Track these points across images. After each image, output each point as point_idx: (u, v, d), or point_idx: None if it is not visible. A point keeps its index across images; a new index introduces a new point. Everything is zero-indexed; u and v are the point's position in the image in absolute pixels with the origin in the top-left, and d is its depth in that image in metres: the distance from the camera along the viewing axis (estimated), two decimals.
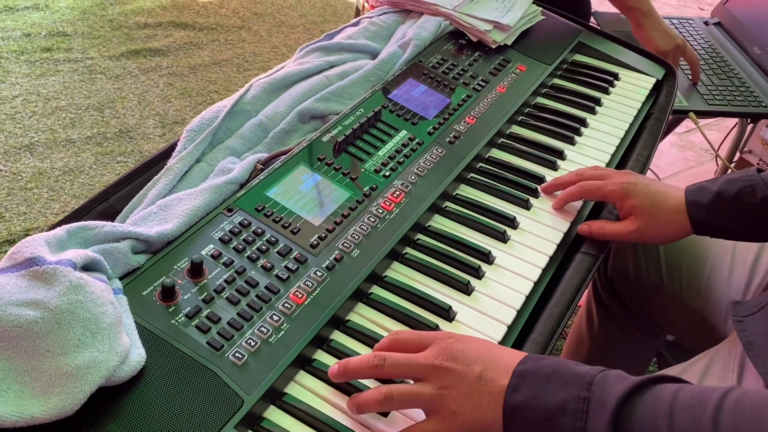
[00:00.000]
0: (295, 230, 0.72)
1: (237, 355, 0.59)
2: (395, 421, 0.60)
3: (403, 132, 0.89)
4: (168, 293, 0.62)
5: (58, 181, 1.87)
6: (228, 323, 0.61)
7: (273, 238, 0.70)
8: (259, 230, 0.70)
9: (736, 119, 1.65)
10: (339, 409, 0.60)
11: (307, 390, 0.62)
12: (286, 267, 0.68)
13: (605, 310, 1.13)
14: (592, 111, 1.07)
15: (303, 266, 0.69)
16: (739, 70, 1.48)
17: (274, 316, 0.63)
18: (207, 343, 0.60)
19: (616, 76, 1.15)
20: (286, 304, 0.65)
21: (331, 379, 0.61)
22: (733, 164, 1.74)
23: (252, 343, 0.60)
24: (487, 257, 0.78)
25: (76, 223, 0.64)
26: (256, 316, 0.63)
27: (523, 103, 1.02)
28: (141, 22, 2.61)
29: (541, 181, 0.91)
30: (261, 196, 0.74)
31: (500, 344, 0.68)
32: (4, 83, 2.18)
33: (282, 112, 0.88)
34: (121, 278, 0.63)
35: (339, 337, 0.67)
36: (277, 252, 0.69)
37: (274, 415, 0.59)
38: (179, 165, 0.77)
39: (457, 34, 1.10)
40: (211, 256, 0.67)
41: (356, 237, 0.74)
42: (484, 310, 0.72)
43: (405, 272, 0.75)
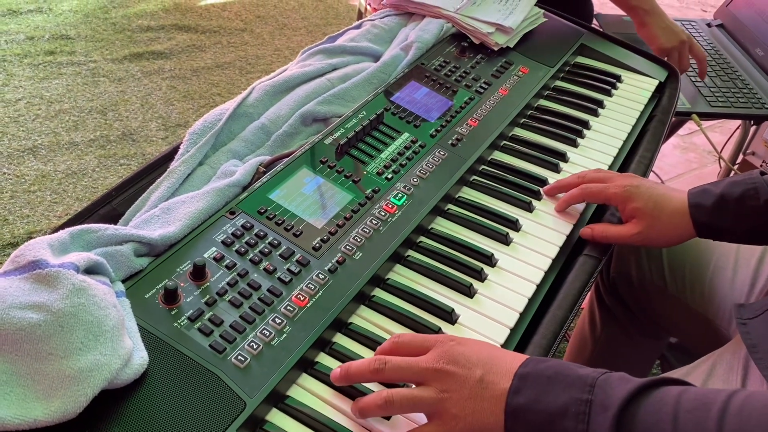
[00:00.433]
0: (298, 233, 0.72)
1: (239, 357, 0.59)
2: (398, 423, 0.60)
3: (406, 134, 0.89)
4: (170, 296, 0.62)
5: (61, 184, 1.87)
6: (230, 326, 0.62)
7: (275, 241, 0.70)
8: (262, 233, 0.71)
9: (739, 121, 1.65)
10: (341, 411, 0.60)
11: (309, 393, 0.62)
12: (288, 270, 0.68)
13: (608, 313, 1.13)
14: (594, 113, 1.07)
15: (305, 269, 0.69)
16: (742, 72, 1.48)
17: (276, 319, 0.63)
18: (209, 345, 0.60)
19: (618, 79, 1.15)
20: (288, 307, 0.65)
21: (333, 383, 0.61)
22: (736, 166, 1.73)
23: (254, 346, 0.60)
24: (490, 260, 0.78)
25: (79, 226, 0.64)
26: (258, 318, 0.63)
27: (526, 106, 1.02)
28: (144, 25, 2.62)
29: (544, 183, 0.91)
30: (263, 198, 0.74)
31: (503, 347, 0.69)
32: (8, 86, 2.19)
33: (284, 114, 0.88)
34: (123, 281, 0.63)
35: (341, 339, 0.67)
36: (280, 255, 0.69)
37: (277, 418, 0.59)
38: (182, 168, 0.77)
39: (459, 37, 1.10)
40: (214, 258, 0.67)
41: (358, 240, 0.74)
42: (486, 312, 0.72)
43: (407, 275, 0.75)
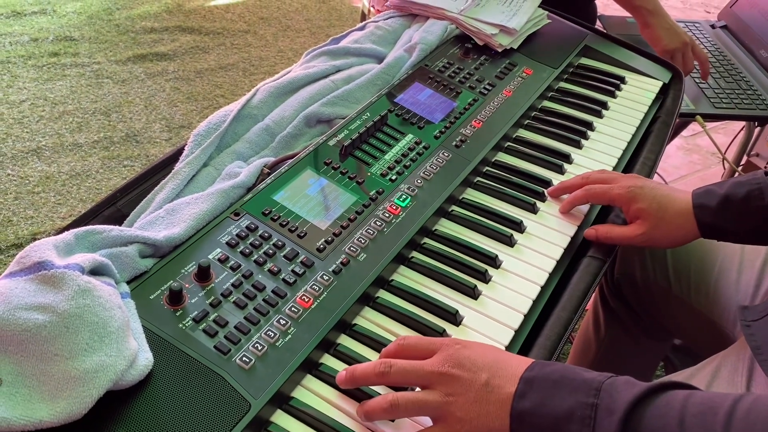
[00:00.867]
0: (302, 234, 0.72)
1: (244, 359, 0.59)
2: (403, 426, 0.60)
3: (410, 136, 0.89)
4: (175, 297, 0.62)
5: (65, 185, 1.87)
6: (235, 327, 0.62)
7: (280, 242, 0.70)
8: (266, 234, 0.71)
9: (743, 122, 1.65)
10: (346, 413, 0.60)
11: (314, 394, 0.62)
12: (292, 271, 0.68)
13: (612, 314, 1.13)
14: (598, 114, 1.07)
15: (310, 270, 0.69)
16: (746, 73, 1.48)
17: (281, 320, 0.63)
18: (214, 347, 0.60)
19: (622, 80, 1.15)
20: (293, 308, 0.65)
21: (338, 385, 0.61)
22: (740, 167, 1.73)
23: (259, 347, 0.60)
24: (494, 261, 0.78)
25: (84, 227, 0.64)
26: (263, 320, 0.63)
27: (530, 107, 1.02)
28: (147, 26, 2.63)
29: (548, 184, 0.90)
30: (268, 200, 0.74)
31: (507, 349, 0.68)
32: (12, 88, 2.20)
33: (288, 116, 0.88)
34: (128, 282, 0.63)
35: (346, 341, 0.67)
36: (284, 256, 0.69)
37: (282, 420, 0.59)
38: (186, 169, 0.77)
39: (463, 38, 1.10)
40: (218, 260, 0.67)
41: (363, 241, 0.74)
42: (491, 314, 0.72)
43: (411, 276, 0.75)
